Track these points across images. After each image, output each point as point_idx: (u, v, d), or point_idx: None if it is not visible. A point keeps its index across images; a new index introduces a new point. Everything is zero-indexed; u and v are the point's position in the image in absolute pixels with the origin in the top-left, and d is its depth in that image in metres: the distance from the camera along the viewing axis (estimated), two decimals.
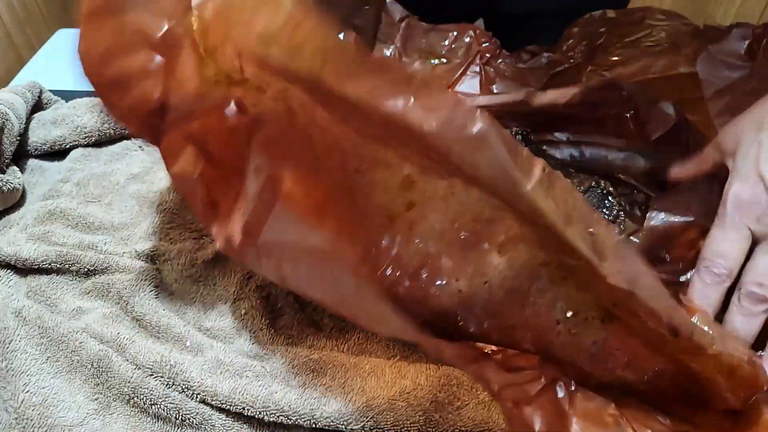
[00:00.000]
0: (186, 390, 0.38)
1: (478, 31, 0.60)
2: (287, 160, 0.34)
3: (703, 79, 0.49)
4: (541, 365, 0.35)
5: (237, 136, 0.34)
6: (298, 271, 0.31)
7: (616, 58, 0.52)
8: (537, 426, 0.31)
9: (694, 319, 0.32)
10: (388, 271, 0.39)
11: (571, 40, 0.56)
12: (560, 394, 0.34)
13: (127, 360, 0.39)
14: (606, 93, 0.48)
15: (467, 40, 0.59)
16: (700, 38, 0.50)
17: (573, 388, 0.35)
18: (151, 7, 0.34)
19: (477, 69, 0.58)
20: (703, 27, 0.50)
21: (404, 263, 0.39)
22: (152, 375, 0.39)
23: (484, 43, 0.59)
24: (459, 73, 0.58)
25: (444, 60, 0.58)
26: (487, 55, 0.59)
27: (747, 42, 0.48)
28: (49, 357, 0.40)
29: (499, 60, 0.58)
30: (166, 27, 0.34)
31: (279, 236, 0.31)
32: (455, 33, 0.59)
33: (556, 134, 0.52)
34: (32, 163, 0.59)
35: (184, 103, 0.34)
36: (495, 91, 0.57)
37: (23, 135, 0.59)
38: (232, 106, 0.34)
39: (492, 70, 0.58)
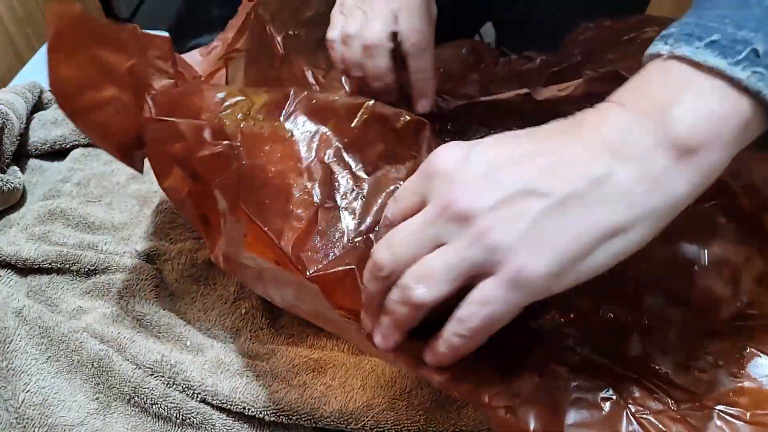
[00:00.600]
0: (186, 389, 0.38)
1: (474, 44, 0.61)
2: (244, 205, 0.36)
3: None
4: (533, 363, 0.35)
5: (217, 159, 0.35)
6: (283, 297, 0.32)
7: (611, 56, 0.53)
8: (532, 425, 0.31)
9: None
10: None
11: (568, 47, 0.57)
12: (554, 384, 0.34)
13: (128, 360, 0.39)
14: (609, 83, 0.48)
15: (464, 51, 0.60)
16: None
17: (567, 376, 0.35)
18: (112, 44, 0.35)
19: (476, 76, 0.59)
20: None
21: None
22: (153, 374, 0.39)
23: (483, 51, 0.60)
24: (458, 80, 0.58)
25: (441, 69, 0.59)
26: (486, 60, 0.60)
27: None
28: (49, 357, 0.40)
29: (497, 66, 0.59)
30: (127, 64, 0.35)
31: (255, 269, 0.31)
32: (451, 48, 0.60)
33: None
34: (32, 163, 0.59)
35: (158, 131, 0.35)
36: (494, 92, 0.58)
37: (23, 135, 0.59)
38: (207, 134, 0.35)
39: (490, 74, 0.59)
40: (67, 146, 0.59)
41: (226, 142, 0.34)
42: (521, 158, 0.28)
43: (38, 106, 0.63)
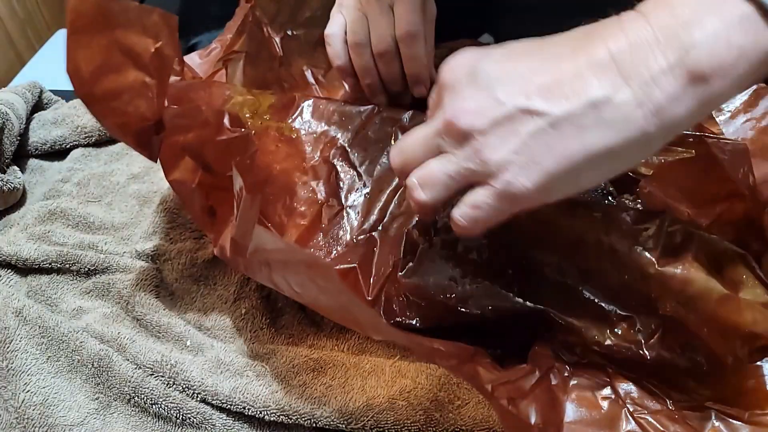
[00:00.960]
0: (186, 389, 0.38)
1: (474, 45, 0.61)
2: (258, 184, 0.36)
3: None
4: (534, 359, 0.35)
5: (232, 147, 0.35)
6: (287, 281, 0.32)
7: None
8: (533, 419, 0.31)
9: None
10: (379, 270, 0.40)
11: None
12: (554, 381, 0.34)
13: (128, 359, 0.40)
14: None
15: None
16: None
17: (567, 374, 0.35)
18: (137, 27, 0.35)
19: None
20: None
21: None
22: (153, 374, 0.39)
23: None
24: None
25: None
26: None
27: None
28: (49, 357, 0.40)
29: None
30: (154, 48, 0.35)
31: (264, 251, 0.31)
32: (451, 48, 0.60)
33: None
34: (32, 163, 0.59)
35: (178, 117, 0.35)
36: None
37: (23, 135, 0.59)
38: (226, 120, 0.35)
39: None
40: (67, 146, 0.59)
41: (244, 129, 0.34)
42: (525, 73, 0.28)
43: (38, 106, 0.63)
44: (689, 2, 0.26)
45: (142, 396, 0.38)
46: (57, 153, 0.60)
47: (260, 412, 0.37)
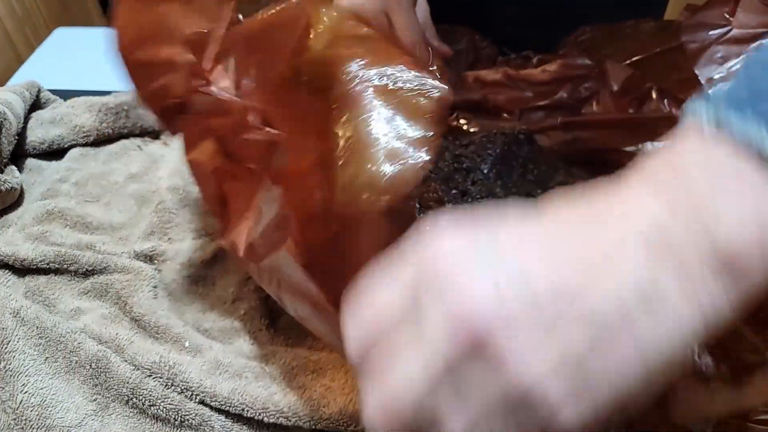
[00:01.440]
0: (185, 391, 0.38)
1: (476, 36, 0.60)
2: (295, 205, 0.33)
3: (686, 40, 0.50)
4: None
5: (257, 141, 0.33)
6: (294, 305, 0.32)
7: (605, 51, 0.53)
8: None
9: None
10: None
11: (565, 48, 0.57)
12: None
13: (126, 360, 0.39)
14: (582, 65, 0.53)
15: (464, 44, 0.60)
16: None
17: None
18: (187, 3, 0.35)
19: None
20: (685, 6, 0.51)
21: None
22: (151, 375, 0.39)
23: (481, 50, 0.60)
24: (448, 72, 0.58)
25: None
26: (483, 60, 0.60)
27: (727, 8, 0.49)
28: (47, 357, 0.40)
29: (495, 65, 0.59)
30: (198, 27, 0.35)
31: (278, 270, 0.30)
32: (452, 35, 0.60)
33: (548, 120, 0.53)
34: (30, 162, 0.58)
35: (206, 101, 0.35)
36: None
37: (21, 134, 0.58)
38: (252, 117, 0.34)
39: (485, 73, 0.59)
40: (65, 146, 0.59)
41: (267, 129, 0.32)
42: (548, 259, 0.21)
43: (36, 105, 0.63)
44: (699, 171, 0.21)
45: (141, 397, 0.38)
46: (55, 152, 0.59)
47: (259, 414, 0.37)
